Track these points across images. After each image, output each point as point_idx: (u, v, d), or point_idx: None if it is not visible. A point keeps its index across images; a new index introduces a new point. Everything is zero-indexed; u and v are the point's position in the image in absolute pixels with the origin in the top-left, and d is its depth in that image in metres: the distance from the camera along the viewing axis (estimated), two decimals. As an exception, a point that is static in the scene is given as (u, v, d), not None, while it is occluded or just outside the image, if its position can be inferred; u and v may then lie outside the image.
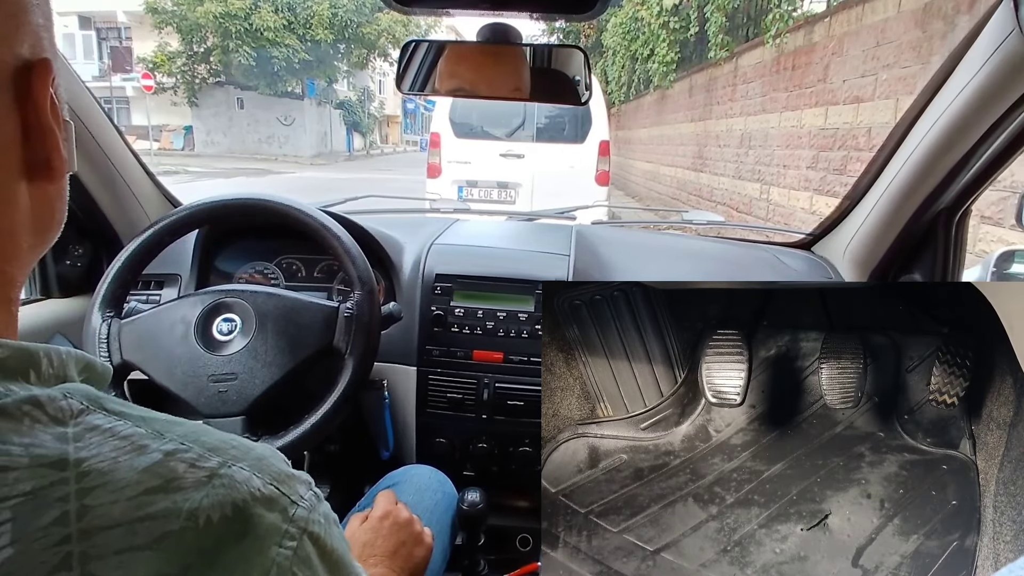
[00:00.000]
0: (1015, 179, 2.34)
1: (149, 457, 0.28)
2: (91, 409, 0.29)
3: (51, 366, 0.31)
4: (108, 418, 0.29)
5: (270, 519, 0.29)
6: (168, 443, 0.29)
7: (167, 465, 0.28)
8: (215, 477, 0.28)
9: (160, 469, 0.27)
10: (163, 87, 16.99)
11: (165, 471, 0.27)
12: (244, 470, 0.29)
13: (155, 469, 0.27)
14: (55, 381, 0.30)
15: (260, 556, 0.28)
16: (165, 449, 0.28)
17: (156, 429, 0.29)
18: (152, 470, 0.27)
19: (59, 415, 0.28)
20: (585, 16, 0.70)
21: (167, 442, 0.29)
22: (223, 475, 0.28)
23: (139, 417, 0.30)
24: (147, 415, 0.30)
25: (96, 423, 0.28)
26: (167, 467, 0.28)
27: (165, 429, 0.30)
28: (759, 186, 5.17)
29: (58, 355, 0.31)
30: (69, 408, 0.28)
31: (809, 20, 4.44)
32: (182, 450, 0.29)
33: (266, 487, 0.29)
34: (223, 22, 15.60)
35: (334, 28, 16.49)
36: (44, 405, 0.28)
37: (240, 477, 0.29)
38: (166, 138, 18.50)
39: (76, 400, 0.29)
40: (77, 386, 0.31)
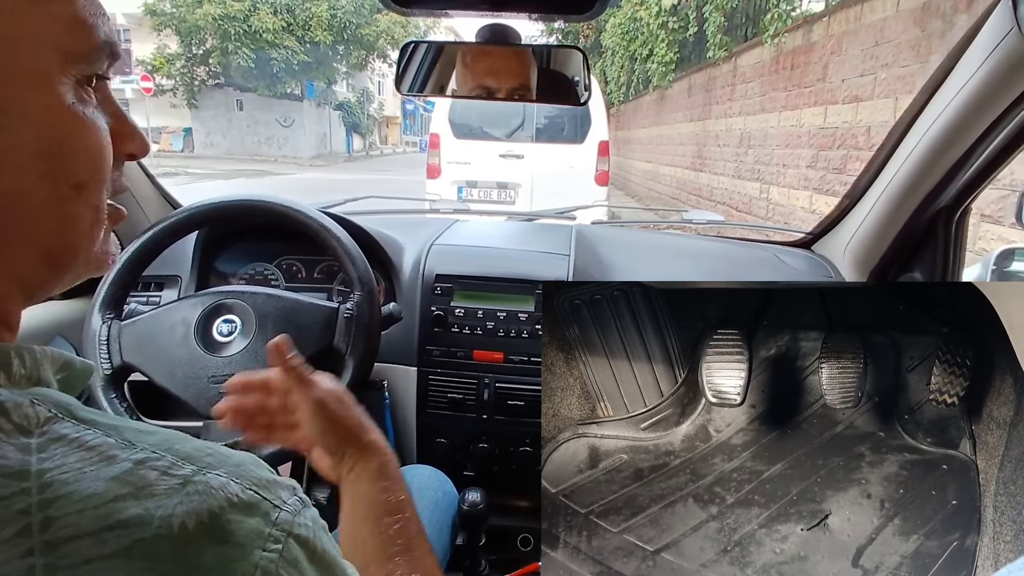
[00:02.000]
0: (1015, 177, 2.34)
1: (118, 467, 0.27)
2: (59, 417, 0.28)
3: (23, 366, 0.30)
4: (76, 427, 0.28)
5: (250, 524, 0.28)
6: (139, 452, 0.28)
7: (137, 473, 0.27)
8: (188, 484, 0.27)
9: (130, 478, 0.26)
10: (162, 89, 16.98)
11: (135, 479, 0.26)
12: (220, 476, 0.28)
13: (124, 478, 0.26)
14: (27, 383, 0.30)
15: (241, 562, 0.27)
16: (135, 458, 0.27)
17: (127, 438, 0.28)
18: (121, 479, 0.26)
19: (24, 424, 0.27)
20: (584, 16, 0.70)
21: (138, 451, 0.28)
22: (197, 482, 0.27)
23: (110, 426, 0.29)
24: (119, 424, 0.29)
25: (63, 433, 0.27)
26: (137, 475, 0.27)
27: (136, 438, 0.29)
28: (759, 185, 5.17)
29: (31, 354, 0.30)
30: (35, 416, 0.27)
31: (808, 19, 4.44)
32: (153, 458, 0.28)
33: (244, 492, 0.28)
34: (222, 24, 15.60)
35: (333, 30, 16.48)
36: (9, 412, 0.27)
37: (216, 483, 0.28)
38: (165, 140, 18.48)
39: (44, 407, 0.28)
40: (47, 392, 0.30)
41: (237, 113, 18.47)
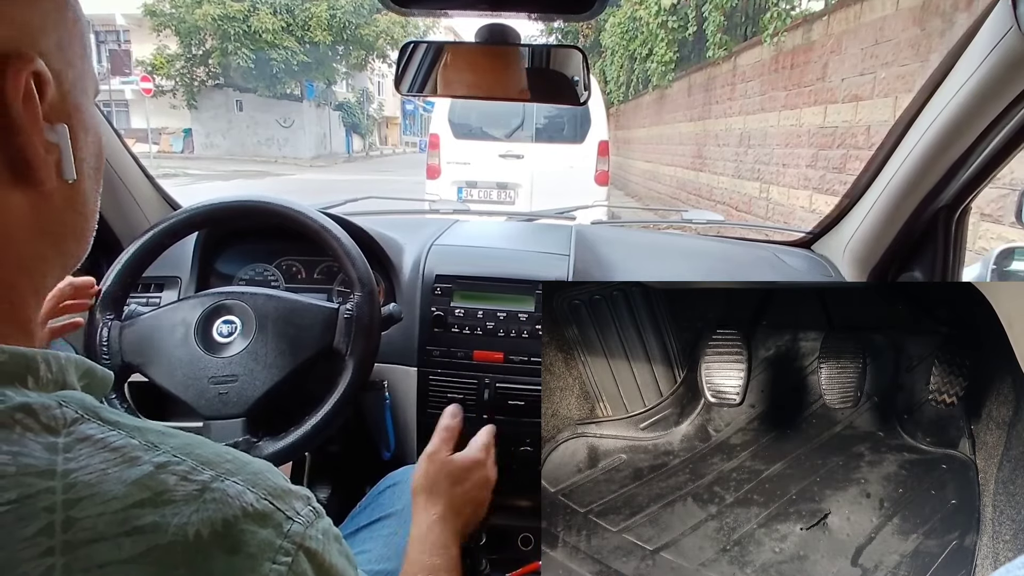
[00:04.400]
0: (1015, 176, 2.34)
1: (140, 469, 0.27)
2: (85, 418, 0.29)
3: (50, 371, 0.30)
4: (102, 428, 0.28)
5: (263, 535, 0.28)
6: (161, 455, 0.28)
7: (157, 478, 0.27)
8: (207, 491, 0.28)
9: (150, 482, 0.27)
10: (162, 90, 16.99)
11: (155, 484, 0.27)
12: (237, 484, 0.29)
13: (144, 482, 0.27)
14: (54, 387, 0.30)
15: (252, 573, 0.27)
16: (157, 461, 0.28)
17: (150, 440, 0.29)
18: (141, 483, 0.27)
19: (52, 424, 0.27)
20: (583, 16, 0.70)
21: (160, 454, 0.28)
22: (215, 489, 0.28)
23: (134, 427, 0.29)
24: (143, 425, 0.30)
25: (88, 433, 0.28)
26: (157, 480, 0.27)
27: (159, 440, 0.29)
28: (758, 185, 5.17)
29: (57, 360, 0.31)
30: (63, 417, 0.28)
31: (807, 19, 4.44)
32: (174, 462, 0.28)
33: (259, 502, 0.29)
34: (221, 24, 15.60)
35: (332, 30, 16.49)
36: (37, 413, 0.27)
37: (233, 492, 0.28)
38: (165, 141, 18.49)
39: (71, 409, 0.29)
40: (73, 394, 0.30)
41: (237, 114, 18.48)
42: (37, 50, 0.31)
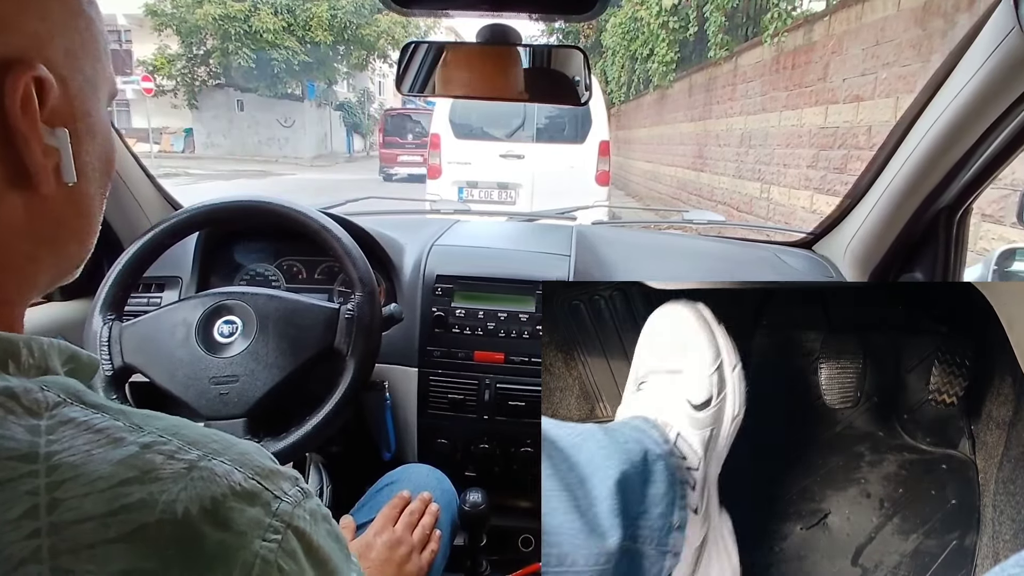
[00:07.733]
0: (1016, 177, 2.34)
1: (125, 449, 0.27)
2: (68, 402, 0.29)
3: (32, 356, 0.30)
4: (85, 411, 0.28)
5: (251, 513, 0.28)
6: (146, 436, 0.28)
7: (143, 457, 0.27)
8: (194, 469, 0.28)
9: (136, 461, 0.27)
10: (163, 90, 16.99)
11: (141, 463, 0.27)
12: (225, 463, 0.29)
13: (131, 461, 0.27)
14: (36, 372, 0.30)
15: (243, 550, 0.27)
16: (142, 442, 0.28)
17: (134, 422, 0.29)
18: (128, 462, 0.27)
19: (34, 407, 0.27)
20: (584, 16, 0.70)
21: (145, 435, 0.28)
22: (202, 467, 0.28)
23: (117, 410, 0.29)
24: (127, 409, 0.30)
25: (71, 416, 0.28)
26: (143, 459, 0.27)
27: (144, 422, 0.29)
28: (759, 185, 5.17)
29: (39, 345, 0.31)
30: (45, 400, 0.28)
31: (808, 19, 4.44)
32: (160, 442, 0.28)
33: (247, 481, 0.29)
34: (222, 24, 15.61)
35: (333, 30, 16.49)
36: (19, 397, 0.27)
37: (220, 471, 0.28)
38: (166, 140, 18.49)
39: (53, 392, 0.29)
40: (56, 378, 0.30)
41: (238, 113, 18.48)
42: (43, 57, 0.31)
